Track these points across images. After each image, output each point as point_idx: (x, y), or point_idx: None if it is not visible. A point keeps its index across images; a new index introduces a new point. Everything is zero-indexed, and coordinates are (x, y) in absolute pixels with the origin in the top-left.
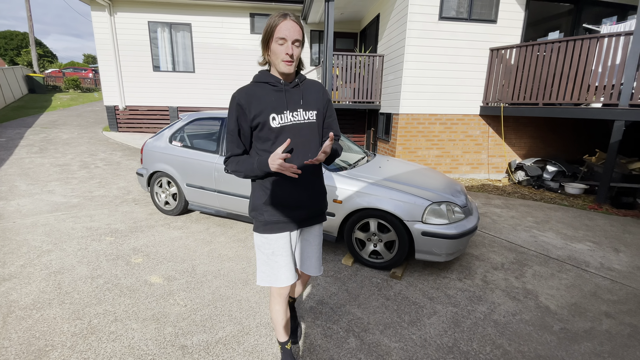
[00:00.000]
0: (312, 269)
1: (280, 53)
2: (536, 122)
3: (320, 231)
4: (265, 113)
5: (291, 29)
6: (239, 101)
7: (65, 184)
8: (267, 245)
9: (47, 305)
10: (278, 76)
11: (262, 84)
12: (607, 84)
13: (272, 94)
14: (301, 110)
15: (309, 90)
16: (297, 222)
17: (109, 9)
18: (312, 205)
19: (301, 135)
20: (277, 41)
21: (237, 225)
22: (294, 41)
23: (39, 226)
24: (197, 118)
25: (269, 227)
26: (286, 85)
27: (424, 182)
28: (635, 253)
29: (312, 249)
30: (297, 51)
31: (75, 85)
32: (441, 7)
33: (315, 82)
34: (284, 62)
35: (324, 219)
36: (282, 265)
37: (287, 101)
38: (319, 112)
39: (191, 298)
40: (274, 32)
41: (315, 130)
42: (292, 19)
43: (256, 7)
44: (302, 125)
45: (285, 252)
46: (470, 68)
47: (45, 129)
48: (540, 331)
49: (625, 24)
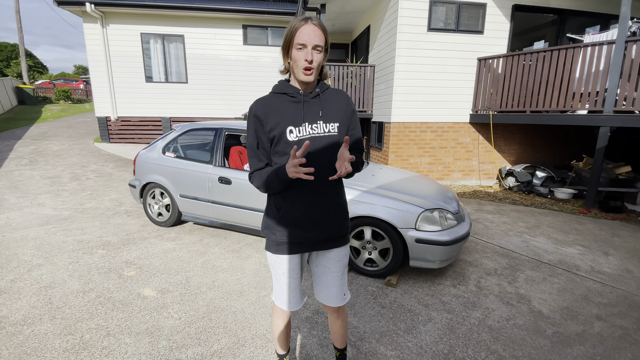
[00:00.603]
0: (331, 299)
1: (299, 60)
2: (524, 129)
3: (340, 255)
4: (281, 126)
5: (311, 33)
6: (255, 113)
7: (56, 196)
8: (278, 265)
9: (38, 321)
10: (297, 86)
11: (280, 94)
12: (591, 92)
13: (290, 105)
14: (321, 123)
15: (330, 101)
16: (311, 244)
17: (101, 21)
18: (329, 227)
19: (320, 149)
20: (296, 47)
21: (231, 235)
22: (314, 46)
23: (29, 240)
24: (190, 129)
25: (281, 247)
26: (305, 95)
27: (416, 190)
28: (624, 256)
29: (330, 276)
30: (317, 57)
31: (66, 97)
32: (429, 19)
33: (340, 91)
34: (303, 70)
35: (344, 242)
36: (291, 288)
37: (305, 113)
38: (342, 124)
39: (185, 310)
40: (294, 37)
41: (337, 144)
42: (314, 22)
43: (248, 19)
44: (322, 138)
45: (294, 274)
46: (459, 77)
47: (35, 141)
48: (534, 335)
49: (607, 33)
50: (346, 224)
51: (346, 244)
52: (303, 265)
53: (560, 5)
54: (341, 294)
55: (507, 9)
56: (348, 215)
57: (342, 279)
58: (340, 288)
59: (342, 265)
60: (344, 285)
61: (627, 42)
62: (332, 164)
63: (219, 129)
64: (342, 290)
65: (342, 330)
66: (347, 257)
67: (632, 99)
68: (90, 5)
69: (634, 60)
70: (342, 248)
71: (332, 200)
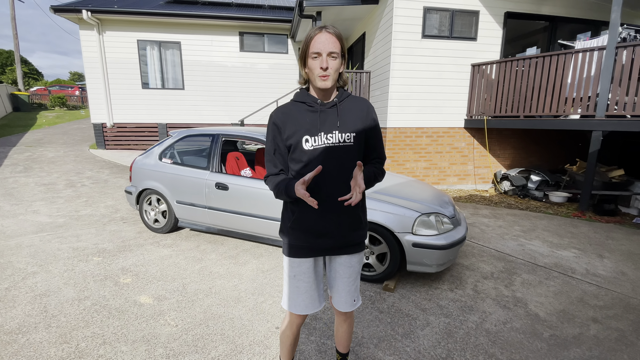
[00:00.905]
0: (340, 304)
1: (315, 68)
2: (519, 133)
3: (352, 262)
4: (298, 134)
5: (325, 41)
6: (274, 120)
7: (51, 203)
8: (290, 268)
9: (33, 329)
10: (316, 95)
11: (299, 103)
12: (583, 97)
13: (308, 114)
14: (337, 132)
15: (349, 110)
16: (322, 251)
17: (98, 28)
18: (340, 235)
19: (335, 158)
20: (312, 56)
21: (228, 241)
22: (329, 53)
23: (23, 247)
24: (187, 135)
25: (293, 250)
26: (322, 105)
27: (412, 194)
28: (619, 259)
29: (340, 281)
30: (333, 63)
31: (61, 103)
32: (424, 26)
33: (360, 99)
34: (320, 77)
35: (357, 250)
36: (303, 291)
37: (322, 122)
38: (359, 134)
39: (182, 318)
40: (309, 47)
41: (353, 154)
42: (329, 31)
43: (245, 26)
44: (337, 148)
45: (307, 278)
46: (454, 83)
47: (30, 148)
48: (531, 339)
49: (598, 39)
50: (360, 233)
51: (358, 252)
52: (318, 270)
53: (552, 12)
54: (350, 300)
55: (500, 16)
56: (364, 225)
57: (353, 285)
58: (349, 294)
59: (352, 271)
60: (355, 291)
61: (617, 48)
62: (346, 174)
63: (215, 135)
64: (352, 296)
65: (346, 335)
66: (359, 265)
67: (623, 104)
68: (87, 12)
69: (625, 65)
70: (354, 255)
71: (346, 209)
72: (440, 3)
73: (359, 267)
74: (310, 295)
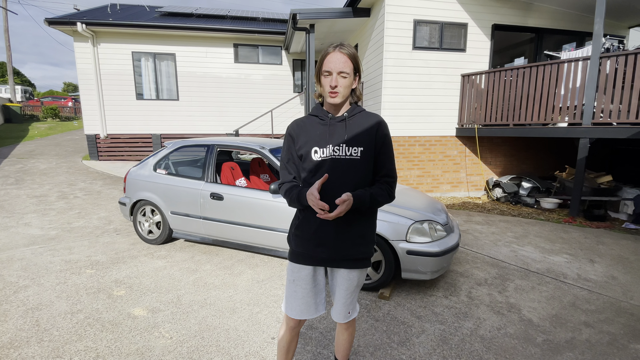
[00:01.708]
0: (335, 314)
1: (325, 85)
2: (509, 141)
3: (350, 276)
4: (308, 145)
5: (336, 61)
6: (290, 132)
7: (43, 215)
8: (291, 272)
9: (25, 344)
10: (328, 109)
11: (312, 116)
12: (570, 105)
13: (319, 127)
14: (344, 146)
15: (358, 125)
16: (319, 260)
17: (92, 40)
18: (338, 248)
19: (339, 171)
20: (324, 74)
21: (223, 252)
22: (339, 72)
23: (15, 261)
24: (182, 145)
25: (294, 255)
26: (333, 119)
27: (406, 202)
28: (609, 263)
29: (338, 292)
30: (342, 82)
31: (54, 114)
32: (414, 38)
33: (372, 115)
34: (329, 94)
35: (357, 266)
36: (299, 297)
37: (330, 135)
38: (367, 149)
39: (177, 330)
40: (322, 65)
41: (358, 168)
42: (341, 50)
43: (239, 38)
44: (342, 161)
45: (305, 284)
46: (445, 92)
47: (21, 159)
48: (525, 344)
49: (583, 49)
50: (362, 249)
51: (359, 267)
52: (318, 278)
53: (538, 24)
54: (345, 312)
55: (487, 28)
56: (368, 241)
57: (349, 298)
58: (344, 306)
59: (350, 285)
60: (351, 304)
61: (601, 58)
62: (348, 187)
63: (210, 145)
64: (347, 309)
65: (346, 344)
66: (359, 279)
67: (608, 111)
68: (81, 25)
69: (609, 74)
70: (353, 270)
71: (348, 223)
72: (429, 16)
73: (358, 282)
74: (306, 302)
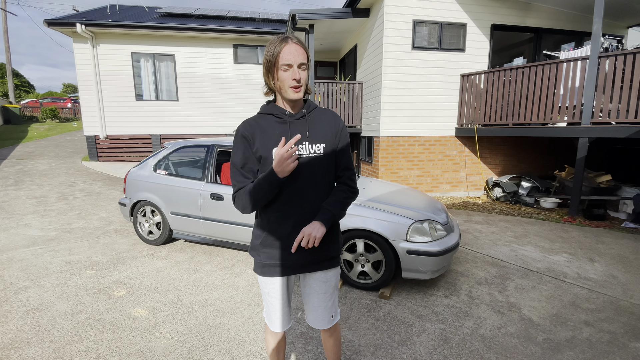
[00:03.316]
0: (318, 322)
1: (287, 79)
2: (508, 141)
3: (327, 277)
4: (268, 146)
5: (295, 52)
6: (243, 133)
7: (43, 216)
8: (264, 285)
9: (26, 345)
10: (283, 106)
11: (267, 115)
12: (569, 105)
13: (277, 126)
14: (307, 144)
15: (318, 121)
16: (295, 267)
17: (91, 41)
18: (314, 250)
19: (306, 169)
20: (282, 68)
21: (223, 252)
22: (299, 65)
23: (15, 262)
24: (182, 146)
25: (266, 269)
26: (292, 116)
27: (406, 202)
28: (609, 262)
29: (316, 297)
30: (303, 74)
31: (53, 115)
32: (413, 38)
33: (327, 111)
34: (292, 89)
35: (331, 266)
36: (277, 308)
37: (292, 133)
38: (329, 144)
39: (178, 330)
40: (278, 59)
41: (324, 164)
42: (295, 41)
43: (239, 39)
44: (307, 159)
45: (279, 295)
46: (444, 92)
47: (21, 161)
48: (525, 343)
49: (581, 49)
50: (334, 247)
51: (334, 266)
52: (291, 285)
53: (536, 24)
54: (327, 317)
55: (487, 29)
56: (338, 238)
57: (329, 301)
58: (326, 310)
59: (328, 286)
60: (332, 307)
61: (600, 57)
62: (317, 185)
63: (210, 146)
64: (329, 313)
65: (335, 348)
66: (336, 279)
67: (607, 111)
68: (80, 26)
69: (607, 74)
70: (329, 270)
71: None
72: (428, 16)
73: (336, 281)
74: (284, 312)
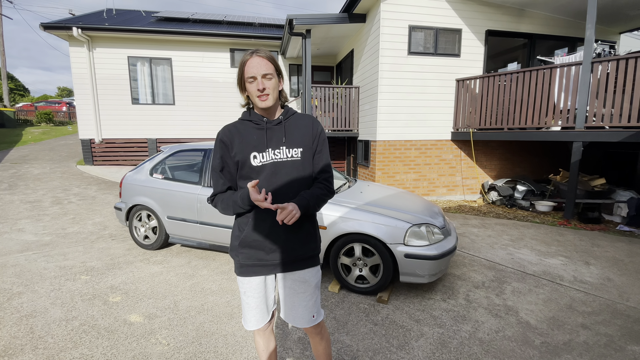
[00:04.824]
0: (297, 320)
1: (253, 90)
2: (504, 145)
3: (306, 277)
4: (246, 151)
5: (257, 65)
6: (222, 138)
7: (37, 221)
8: (241, 285)
9: (20, 352)
10: (261, 114)
11: (246, 121)
12: (563, 109)
13: (255, 131)
14: (284, 148)
15: (295, 126)
16: (273, 267)
17: (88, 44)
18: (291, 250)
19: (283, 173)
20: (248, 81)
21: (219, 257)
22: (264, 75)
23: (8, 267)
24: (179, 150)
25: (244, 269)
26: (269, 122)
27: (403, 206)
28: (604, 265)
29: (296, 297)
30: (269, 83)
31: (48, 119)
32: (409, 44)
33: (306, 116)
34: (259, 98)
35: (310, 265)
36: (253, 307)
37: (269, 139)
38: (306, 149)
39: (174, 336)
40: (244, 73)
41: (300, 168)
42: (258, 54)
43: (236, 43)
44: (285, 163)
45: (257, 294)
46: (440, 97)
47: (15, 165)
48: (523, 346)
49: (575, 55)
50: (312, 246)
51: (312, 266)
52: (269, 286)
53: (530, 30)
54: (308, 315)
55: (481, 34)
56: (316, 237)
57: (310, 300)
58: (307, 309)
59: (307, 286)
60: (314, 307)
61: (593, 63)
62: (295, 189)
63: (207, 150)
64: (310, 312)
65: (325, 352)
66: (316, 279)
67: (601, 115)
68: (77, 29)
69: (600, 79)
70: (307, 270)
71: (296, 223)
72: (424, 22)
73: (316, 281)
74: (260, 310)
